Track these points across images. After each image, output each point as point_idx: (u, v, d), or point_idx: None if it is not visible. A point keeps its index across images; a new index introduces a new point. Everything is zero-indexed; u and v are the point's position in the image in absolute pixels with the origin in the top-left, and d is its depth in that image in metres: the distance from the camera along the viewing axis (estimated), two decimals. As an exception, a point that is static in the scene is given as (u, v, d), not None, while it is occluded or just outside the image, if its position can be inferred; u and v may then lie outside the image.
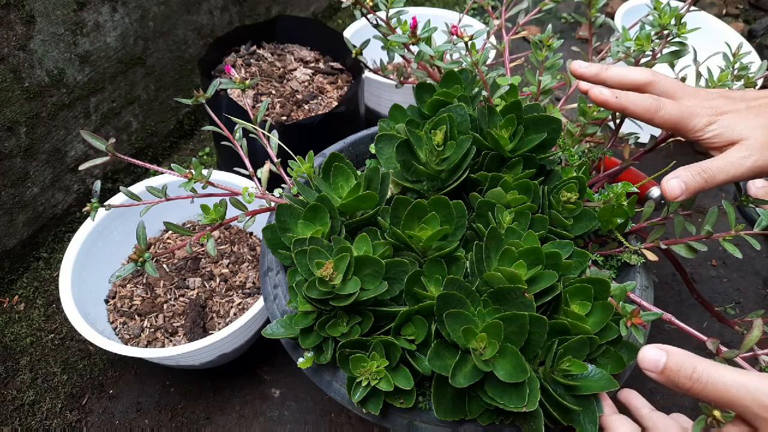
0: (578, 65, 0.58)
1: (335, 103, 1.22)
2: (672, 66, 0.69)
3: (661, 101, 0.53)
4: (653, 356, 0.42)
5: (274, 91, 1.22)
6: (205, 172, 0.62)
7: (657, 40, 0.65)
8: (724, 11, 1.88)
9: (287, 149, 0.67)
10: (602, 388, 0.48)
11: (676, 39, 0.64)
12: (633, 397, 0.52)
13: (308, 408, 0.96)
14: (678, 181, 0.50)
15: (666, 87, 0.55)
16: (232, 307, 0.98)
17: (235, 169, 0.70)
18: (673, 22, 0.63)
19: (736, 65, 0.68)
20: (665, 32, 0.65)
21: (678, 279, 1.14)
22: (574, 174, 0.61)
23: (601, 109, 0.65)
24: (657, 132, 0.69)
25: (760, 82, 0.69)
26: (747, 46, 1.34)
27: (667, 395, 0.98)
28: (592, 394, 0.49)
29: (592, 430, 0.48)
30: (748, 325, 0.67)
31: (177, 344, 0.94)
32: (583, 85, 0.57)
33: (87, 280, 0.95)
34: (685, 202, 0.62)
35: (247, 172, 0.67)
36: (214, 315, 0.98)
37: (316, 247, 0.51)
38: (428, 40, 0.67)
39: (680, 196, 0.50)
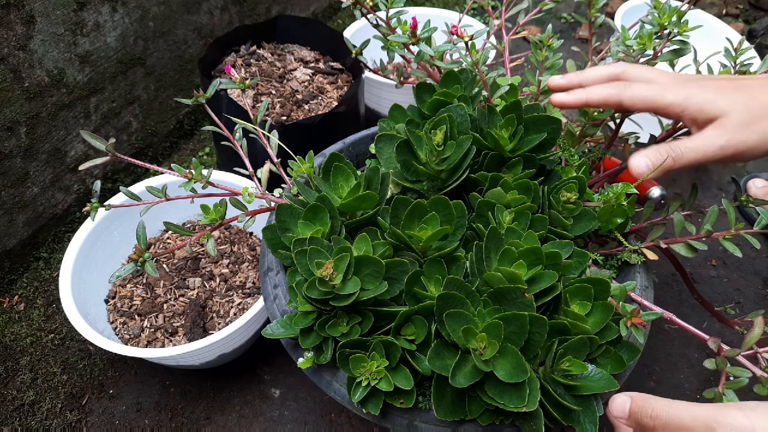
0: (554, 80, 0.58)
1: (335, 103, 1.22)
2: (672, 65, 0.69)
3: (627, 84, 0.52)
4: (620, 402, 0.45)
5: (274, 91, 1.22)
6: (205, 172, 0.62)
7: (657, 40, 0.65)
8: (724, 11, 1.88)
9: (287, 149, 0.67)
10: (602, 388, 0.48)
11: (677, 38, 0.64)
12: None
13: (308, 408, 0.96)
14: (645, 159, 0.50)
15: (638, 73, 0.54)
16: (232, 307, 0.98)
17: (235, 169, 0.70)
18: (674, 20, 0.63)
19: (738, 61, 0.68)
20: (666, 31, 0.65)
21: (678, 279, 1.14)
22: (574, 174, 0.61)
23: (602, 109, 0.65)
24: (657, 131, 0.69)
25: None
26: (747, 45, 1.34)
27: (667, 395, 0.98)
28: (592, 394, 0.49)
29: (592, 430, 0.48)
30: (748, 324, 0.67)
31: (177, 344, 0.94)
32: (555, 99, 0.57)
33: (87, 280, 0.95)
34: (685, 202, 0.62)
35: (247, 172, 0.67)
36: (214, 315, 0.98)
37: (316, 247, 0.51)
38: (428, 40, 0.67)
39: (647, 173, 0.50)
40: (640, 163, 0.51)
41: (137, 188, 0.92)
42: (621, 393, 0.46)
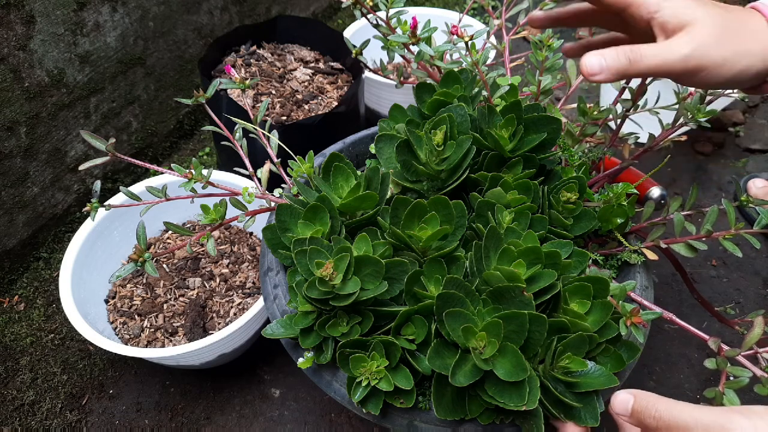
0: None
1: (335, 103, 1.22)
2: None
3: None
4: (623, 399, 0.44)
5: (274, 91, 1.22)
6: (205, 172, 0.62)
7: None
8: (723, 11, 1.87)
9: (287, 149, 0.67)
10: (602, 384, 0.48)
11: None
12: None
13: (308, 408, 0.96)
14: (599, 58, 0.44)
15: None
16: (232, 307, 0.98)
17: (235, 169, 0.70)
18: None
19: None
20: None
21: (678, 279, 1.14)
22: (574, 174, 0.61)
23: (602, 109, 0.65)
24: (657, 131, 0.69)
25: None
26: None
27: (666, 395, 0.98)
28: (592, 390, 0.49)
29: (594, 425, 0.48)
30: (748, 324, 0.67)
31: (177, 344, 0.94)
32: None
33: (87, 280, 0.95)
34: (685, 202, 0.62)
35: (247, 172, 0.67)
36: (214, 315, 0.98)
37: (316, 247, 0.51)
38: (428, 40, 0.67)
39: (599, 74, 0.44)
40: (593, 61, 0.44)
41: (137, 188, 0.92)
42: (623, 390, 0.45)
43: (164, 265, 1.05)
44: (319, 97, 1.24)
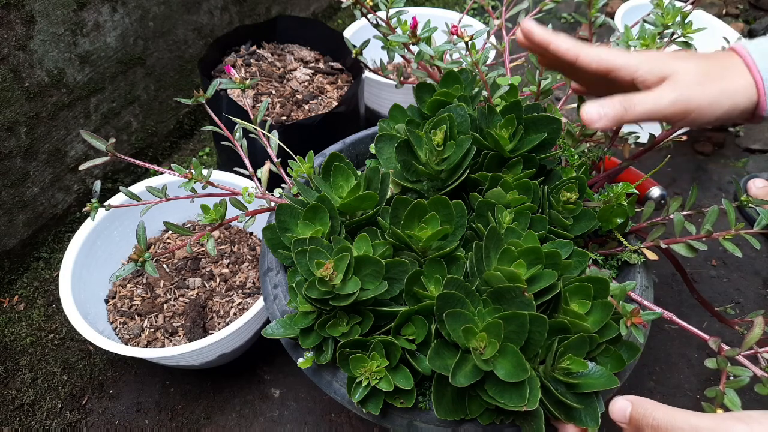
0: (527, 22, 0.56)
1: (335, 103, 1.22)
2: (672, 66, 0.69)
3: (589, 45, 0.53)
4: (621, 406, 0.44)
5: (274, 91, 1.22)
6: (205, 172, 0.62)
7: (660, 40, 0.65)
8: (724, 11, 1.88)
9: (287, 149, 0.67)
10: (603, 385, 0.48)
11: (681, 39, 0.64)
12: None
13: (308, 408, 0.96)
14: (597, 107, 0.48)
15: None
16: (232, 307, 0.98)
17: (235, 169, 0.70)
18: (677, 20, 0.63)
19: None
20: (668, 31, 0.64)
21: (678, 279, 1.14)
22: (574, 174, 0.61)
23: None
24: (657, 131, 0.69)
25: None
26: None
27: (667, 395, 0.98)
28: (593, 391, 0.49)
29: (594, 426, 0.48)
30: (748, 324, 0.67)
31: (177, 344, 0.94)
32: (525, 25, 0.56)
33: (87, 280, 0.95)
34: (685, 202, 0.62)
35: (247, 172, 0.67)
36: (214, 315, 0.98)
37: (316, 247, 0.51)
38: (428, 40, 0.67)
39: (597, 121, 0.49)
40: (591, 111, 0.48)
41: (137, 188, 0.92)
42: (621, 396, 0.45)
43: (164, 265, 1.05)
44: (319, 97, 1.24)
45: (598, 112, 0.48)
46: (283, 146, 0.68)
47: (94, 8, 1.06)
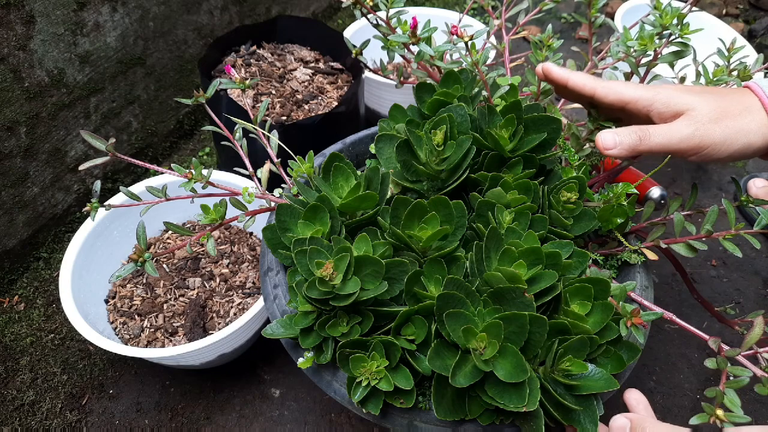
0: (548, 65, 0.60)
1: (335, 103, 1.22)
2: (672, 66, 0.69)
3: (605, 79, 0.55)
4: (620, 425, 0.46)
5: (274, 91, 1.22)
6: (205, 172, 0.62)
7: (658, 41, 0.65)
8: (724, 11, 1.88)
9: (287, 149, 0.67)
10: (603, 387, 0.48)
11: (678, 39, 0.64)
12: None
13: (308, 408, 0.96)
14: (612, 135, 0.50)
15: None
16: (232, 307, 0.98)
17: (235, 169, 0.70)
18: (675, 22, 0.63)
19: (732, 60, 0.68)
20: (666, 32, 0.64)
21: (678, 279, 1.14)
22: (574, 174, 0.61)
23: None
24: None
25: (757, 76, 0.69)
26: (743, 43, 1.34)
27: (667, 395, 0.98)
28: (592, 393, 0.49)
29: (593, 429, 0.48)
30: (748, 324, 0.67)
31: (177, 344, 0.94)
32: (546, 65, 0.59)
33: (87, 280, 0.95)
34: (685, 202, 0.62)
35: (247, 172, 0.67)
36: (214, 315, 0.98)
37: (316, 247, 0.51)
38: (428, 40, 0.67)
39: (612, 149, 0.51)
40: (607, 139, 0.51)
41: (137, 188, 0.92)
42: (621, 415, 0.46)
43: (164, 265, 1.05)
44: (319, 97, 1.24)
45: (613, 139, 0.50)
46: (283, 146, 0.68)
47: (94, 8, 1.06)
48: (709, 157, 0.51)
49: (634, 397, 0.51)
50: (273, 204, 0.65)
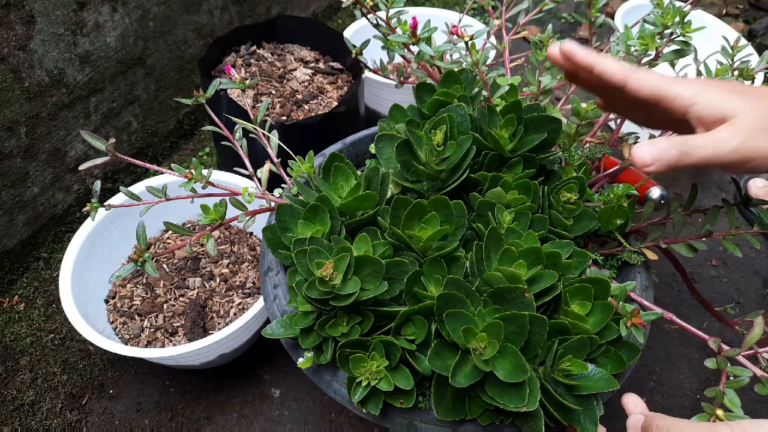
0: (568, 43, 0.50)
1: (335, 103, 1.22)
2: (673, 65, 0.69)
3: (638, 67, 0.48)
4: (635, 420, 0.46)
5: (274, 91, 1.22)
6: (205, 172, 0.62)
7: (659, 40, 0.65)
8: (724, 11, 1.88)
9: (287, 149, 0.67)
10: (602, 387, 0.48)
11: (680, 38, 0.64)
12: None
13: (308, 408, 0.96)
14: (650, 148, 0.44)
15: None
16: (232, 307, 0.98)
17: (235, 169, 0.70)
18: (677, 20, 0.63)
19: (735, 59, 0.68)
20: (668, 31, 0.64)
21: (678, 279, 1.14)
22: (574, 174, 0.61)
23: (594, 106, 0.65)
24: (657, 131, 0.69)
25: (759, 76, 0.68)
26: (743, 43, 1.34)
27: (667, 395, 0.98)
28: (592, 393, 0.49)
29: (593, 429, 0.48)
30: (748, 324, 0.67)
31: (177, 344, 0.94)
32: (566, 46, 0.50)
33: (87, 280, 0.95)
34: (685, 202, 0.62)
35: (247, 172, 0.67)
36: (214, 315, 0.98)
37: (316, 247, 0.51)
38: (428, 40, 0.67)
39: (650, 165, 0.44)
40: (644, 152, 0.44)
41: (137, 188, 0.92)
42: (634, 413, 0.47)
43: (164, 265, 1.05)
44: (319, 97, 1.24)
45: (652, 155, 0.44)
46: (283, 146, 0.68)
47: (94, 8, 1.06)
48: (757, 169, 0.45)
49: (632, 401, 0.50)
50: (273, 204, 0.65)
